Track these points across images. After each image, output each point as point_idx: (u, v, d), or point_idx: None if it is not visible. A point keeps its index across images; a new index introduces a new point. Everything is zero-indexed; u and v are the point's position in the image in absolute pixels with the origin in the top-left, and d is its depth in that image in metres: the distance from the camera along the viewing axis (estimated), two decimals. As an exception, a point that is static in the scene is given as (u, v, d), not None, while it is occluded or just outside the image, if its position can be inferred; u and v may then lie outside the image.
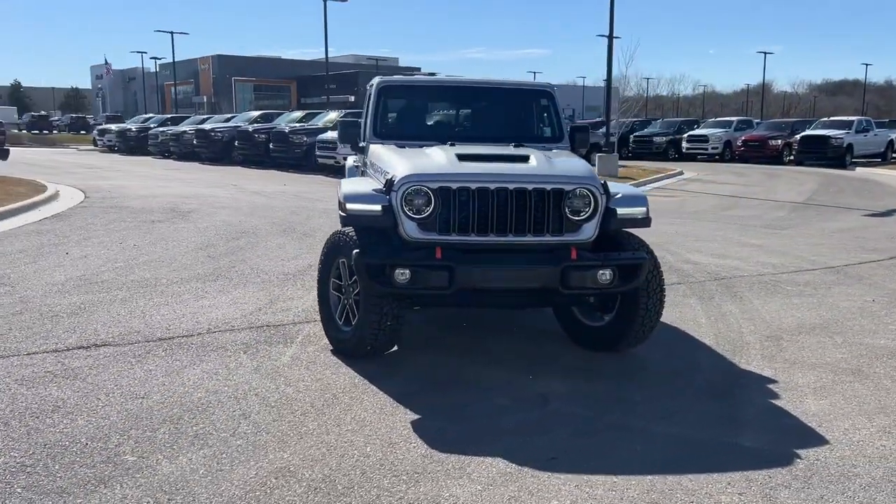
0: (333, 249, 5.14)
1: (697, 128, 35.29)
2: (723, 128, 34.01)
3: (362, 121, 6.35)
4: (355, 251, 4.73)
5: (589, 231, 4.91)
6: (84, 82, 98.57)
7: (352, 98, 64.44)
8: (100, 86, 79.44)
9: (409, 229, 4.75)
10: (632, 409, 4.44)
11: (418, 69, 72.62)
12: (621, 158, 31.33)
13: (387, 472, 3.55)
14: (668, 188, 20.29)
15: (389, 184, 4.82)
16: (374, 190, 4.92)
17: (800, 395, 4.71)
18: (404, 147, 5.65)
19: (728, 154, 32.33)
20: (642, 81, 58.11)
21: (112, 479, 3.41)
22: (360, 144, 6.22)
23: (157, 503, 3.22)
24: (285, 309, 6.36)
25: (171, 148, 30.14)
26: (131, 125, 36.41)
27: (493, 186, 4.76)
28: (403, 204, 4.73)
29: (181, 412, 4.19)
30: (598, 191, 4.90)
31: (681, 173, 24.85)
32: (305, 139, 23.02)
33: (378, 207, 4.79)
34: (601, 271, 4.77)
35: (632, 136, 34.20)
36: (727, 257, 9.40)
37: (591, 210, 4.89)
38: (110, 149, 36.21)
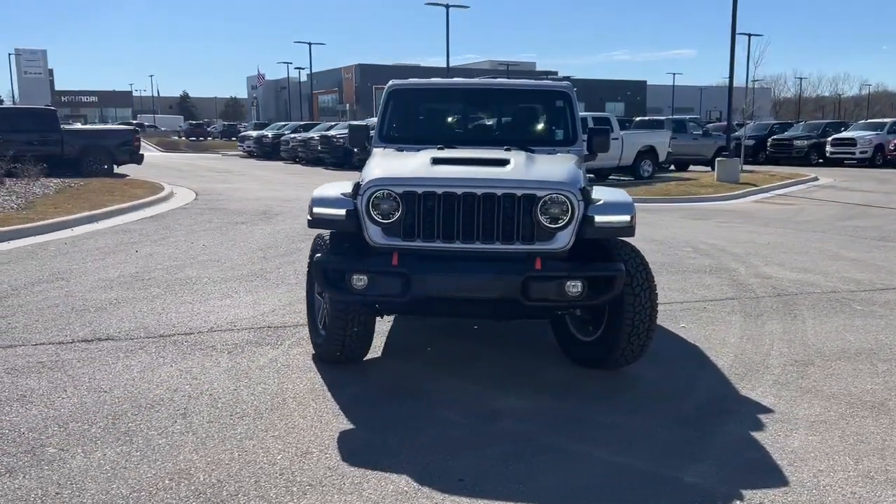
0: (313, 253, 5.14)
1: (844, 130, 32.57)
2: (874, 130, 31.12)
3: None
4: (316, 255, 4.70)
5: (563, 240, 4.60)
6: (242, 92, 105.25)
7: (487, 103, 64.65)
8: (254, 95, 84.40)
9: (374, 234, 4.65)
10: (584, 432, 4.11)
11: (555, 73, 72.00)
12: (757, 163, 29.64)
13: (280, 482, 3.48)
14: (794, 195, 18.88)
15: (356, 188, 4.75)
16: (342, 194, 4.86)
17: (790, 428, 4.19)
18: (403, 151, 5.56)
19: (879, 159, 29.60)
20: (795, 82, 54.40)
21: (20, 469, 3.55)
22: (368, 149, 6.18)
23: (44, 495, 3.32)
24: (298, 311, 6.42)
25: (299, 153, 31.46)
26: (268, 132, 38.35)
27: (460, 191, 4.57)
28: (369, 208, 4.64)
29: (129, 408, 4.31)
30: (574, 197, 4.59)
31: (815, 179, 23.05)
32: None
33: (342, 212, 4.73)
34: (570, 283, 4.46)
35: (770, 139, 32.18)
36: (809, 271, 8.59)
37: (566, 218, 4.59)
38: (249, 154, 38.33)
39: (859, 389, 4.82)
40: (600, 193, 4.89)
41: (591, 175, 11.29)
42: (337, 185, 5.09)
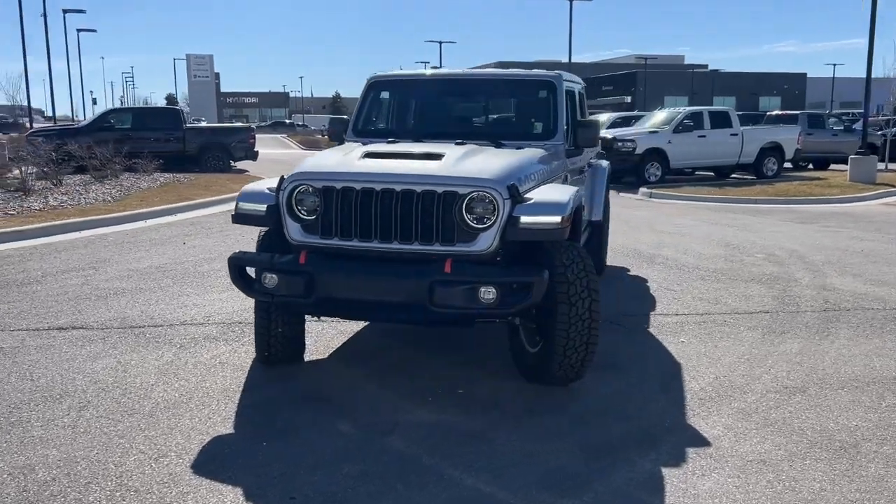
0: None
1: None
2: None
3: None
4: (233, 252, 4.57)
5: (486, 241, 4.19)
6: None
7: (628, 99, 62.89)
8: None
9: (293, 231, 4.45)
10: (470, 454, 3.69)
11: (704, 66, 68.56)
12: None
13: (109, 486, 3.34)
14: (936, 198, 16.78)
15: (280, 182, 4.56)
16: (268, 189, 4.69)
17: (714, 467, 3.58)
18: (366, 145, 5.33)
19: None
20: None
21: None
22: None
23: None
24: (283, 307, 6.33)
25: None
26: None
27: (379, 187, 4.28)
28: (290, 204, 4.44)
29: (39, 398, 4.35)
30: (499, 196, 4.16)
31: (972, 181, 20.40)
32: (632, 145, 19.47)
33: (263, 207, 4.56)
34: (484, 289, 4.05)
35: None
36: (886, 285, 7.52)
37: (492, 218, 4.18)
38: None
39: (838, 426, 4.07)
40: (545, 192, 4.43)
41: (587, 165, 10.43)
42: (276, 180, 4.93)
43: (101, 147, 16.49)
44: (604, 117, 23.98)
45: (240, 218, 4.69)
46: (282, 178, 4.55)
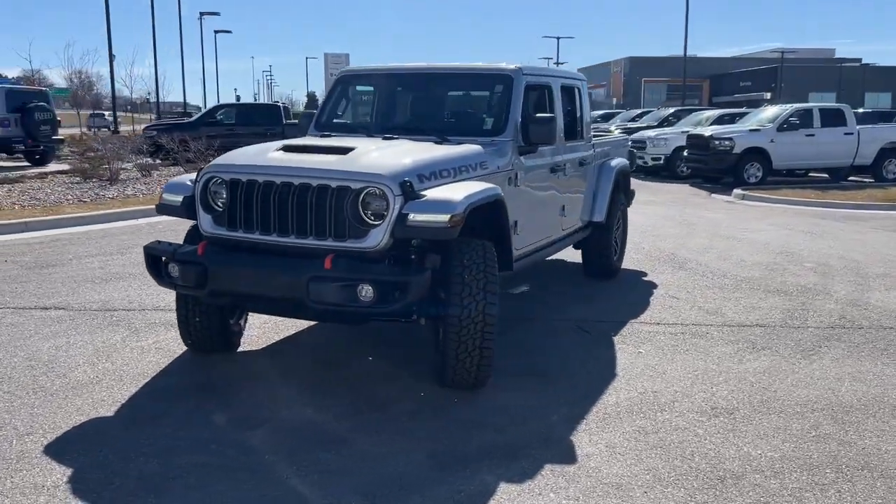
0: None
1: None
2: None
3: None
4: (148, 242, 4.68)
5: (375, 238, 4.06)
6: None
7: (767, 95, 59.41)
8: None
9: (205, 223, 4.50)
10: (316, 454, 3.60)
11: (856, 60, 63.56)
12: None
13: (-42, 457, 3.53)
14: None
15: (197, 174, 4.64)
16: (190, 181, 4.77)
17: (560, 486, 3.31)
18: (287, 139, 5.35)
19: None
20: None
21: None
22: None
23: None
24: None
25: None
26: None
27: (279, 181, 4.26)
28: (204, 195, 4.50)
29: (-33, 371, 4.65)
30: (389, 191, 4.04)
31: None
32: (729, 144, 17.44)
33: (180, 198, 4.64)
34: (361, 286, 3.94)
35: None
36: (929, 301, 6.69)
37: (385, 214, 4.06)
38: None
39: (738, 453, 3.66)
40: (442, 190, 4.23)
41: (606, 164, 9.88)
42: None
43: (210, 140, 17.33)
44: (708, 114, 22.73)
45: (161, 209, 4.80)
46: (199, 170, 4.62)
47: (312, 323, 5.69)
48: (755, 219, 12.41)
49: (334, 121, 5.85)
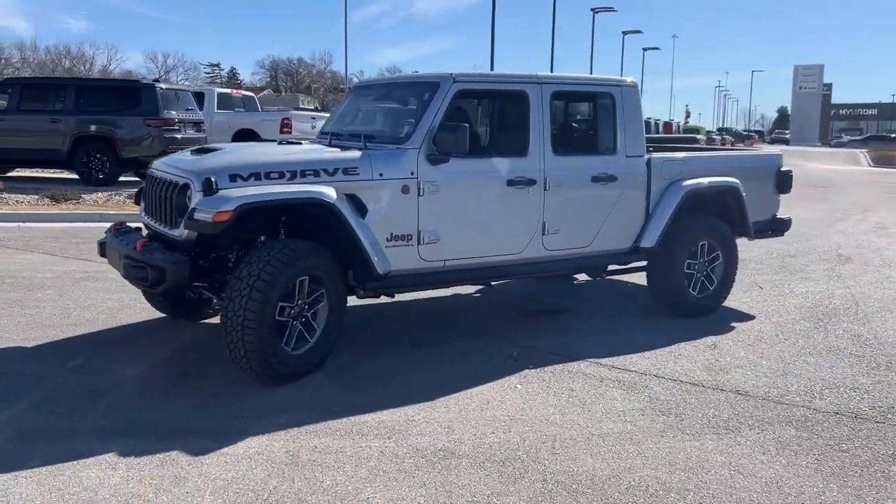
0: None
1: None
2: None
3: None
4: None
5: (181, 229, 4.49)
6: None
7: None
8: None
9: (143, 210, 5.43)
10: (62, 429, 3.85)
11: None
12: None
13: None
14: None
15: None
16: None
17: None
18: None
19: None
20: None
21: None
22: None
23: None
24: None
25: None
26: None
27: (156, 175, 5.00)
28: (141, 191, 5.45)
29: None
30: (192, 187, 4.43)
31: None
32: None
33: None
34: (147, 268, 4.47)
35: None
36: None
37: (188, 207, 4.47)
38: None
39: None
40: (240, 189, 4.40)
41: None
42: None
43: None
44: None
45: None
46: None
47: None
48: None
49: (325, 128, 6.16)
